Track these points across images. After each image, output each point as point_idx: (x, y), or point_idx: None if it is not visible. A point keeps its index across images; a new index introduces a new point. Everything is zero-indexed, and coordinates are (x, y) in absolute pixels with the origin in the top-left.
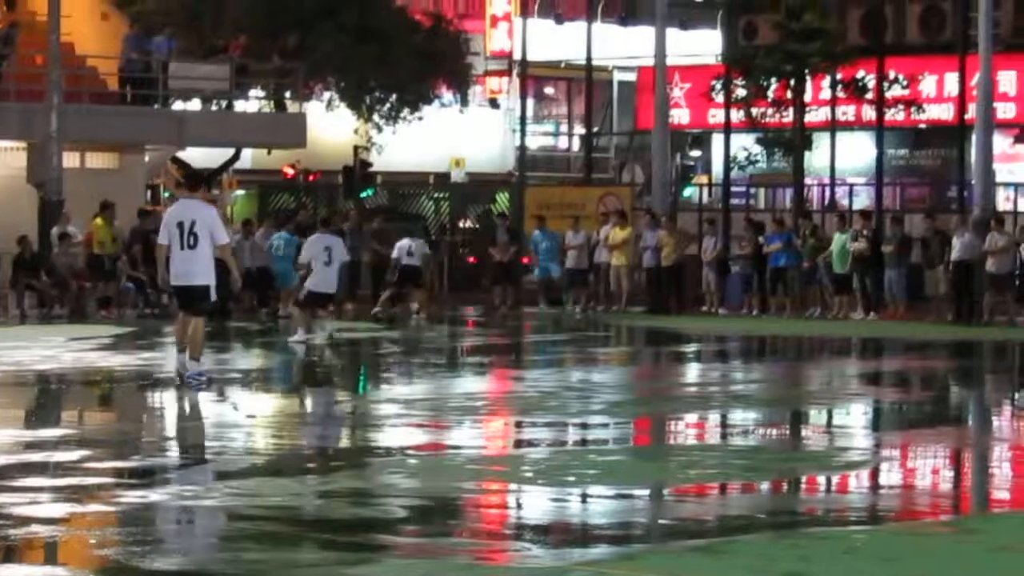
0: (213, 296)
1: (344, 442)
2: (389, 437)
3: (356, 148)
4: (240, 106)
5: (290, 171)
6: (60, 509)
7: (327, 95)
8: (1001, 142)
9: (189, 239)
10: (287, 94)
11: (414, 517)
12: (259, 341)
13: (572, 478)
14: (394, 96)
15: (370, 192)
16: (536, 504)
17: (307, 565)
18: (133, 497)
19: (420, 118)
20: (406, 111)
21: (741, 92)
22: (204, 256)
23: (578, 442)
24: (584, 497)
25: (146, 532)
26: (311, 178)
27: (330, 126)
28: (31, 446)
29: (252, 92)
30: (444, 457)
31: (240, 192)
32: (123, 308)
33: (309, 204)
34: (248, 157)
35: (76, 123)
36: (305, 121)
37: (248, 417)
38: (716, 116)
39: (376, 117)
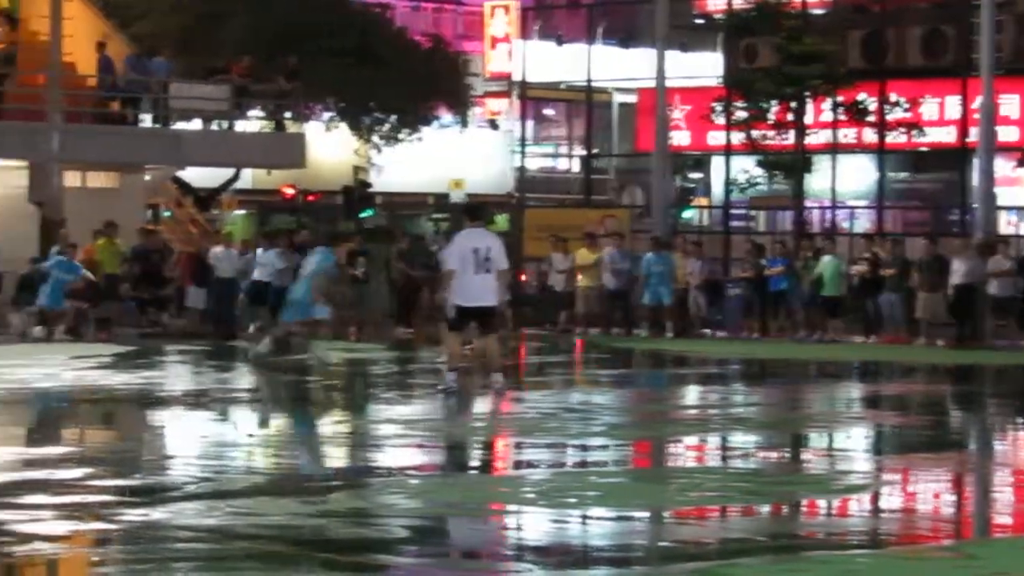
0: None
1: (344, 462)
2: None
3: (355, 168)
4: (240, 126)
5: (289, 191)
6: (62, 527)
7: (326, 116)
8: (1003, 166)
9: (484, 264)
10: (287, 115)
11: (414, 537)
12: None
13: (572, 499)
14: (393, 117)
15: (370, 213)
16: (536, 525)
17: None
18: (134, 515)
19: (419, 139)
20: (405, 132)
21: (741, 114)
22: (493, 281)
23: (578, 464)
24: (584, 519)
25: (147, 550)
26: (310, 198)
27: (329, 147)
28: (33, 464)
29: (252, 112)
30: (441, 477)
31: (240, 212)
32: (123, 328)
33: (308, 224)
34: (248, 177)
35: (76, 143)
36: (304, 141)
37: (248, 436)
38: (716, 138)
39: (375, 138)
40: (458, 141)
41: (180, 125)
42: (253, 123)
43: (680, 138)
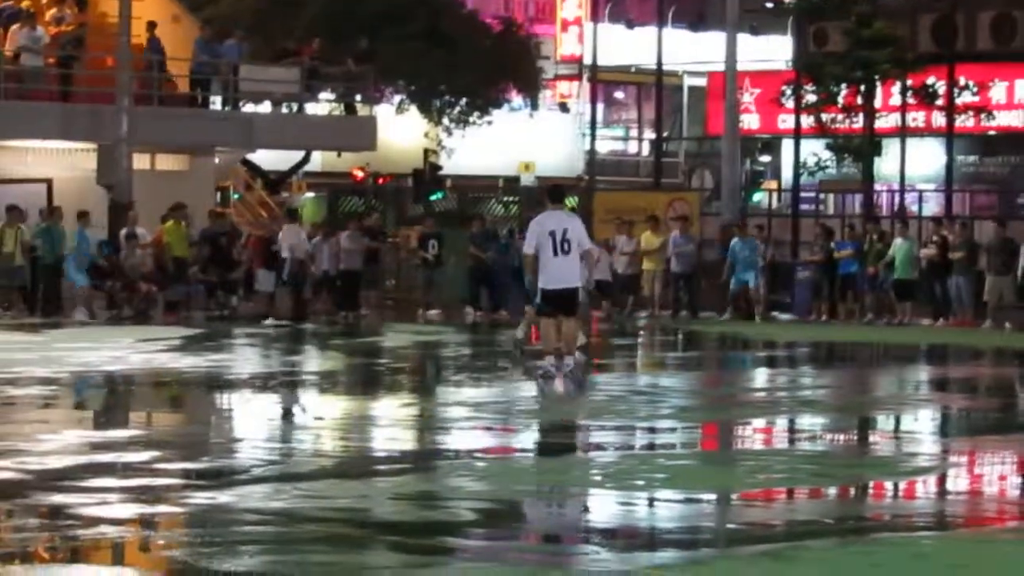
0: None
1: (412, 445)
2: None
3: (426, 151)
4: (310, 109)
5: (359, 174)
6: (128, 510)
7: (397, 98)
8: None
9: (563, 246)
10: (357, 97)
11: (482, 520)
12: (334, 343)
13: (640, 482)
14: (464, 100)
15: (440, 195)
16: (603, 508)
17: (375, 567)
18: (201, 498)
19: (489, 122)
20: (475, 115)
21: (811, 98)
22: (575, 263)
23: (646, 446)
24: (651, 501)
25: (214, 533)
26: (380, 181)
27: (400, 130)
28: (99, 447)
29: (322, 95)
30: (511, 460)
31: (310, 195)
32: (192, 311)
33: (378, 207)
34: (318, 160)
35: (146, 126)
36: (375, 124)
37: (316, 419)
38: (786, 122)
39: (446, 120)
40: (528, 124)
41: (250, 108)
42: (323, 106)
43: (750, 121)
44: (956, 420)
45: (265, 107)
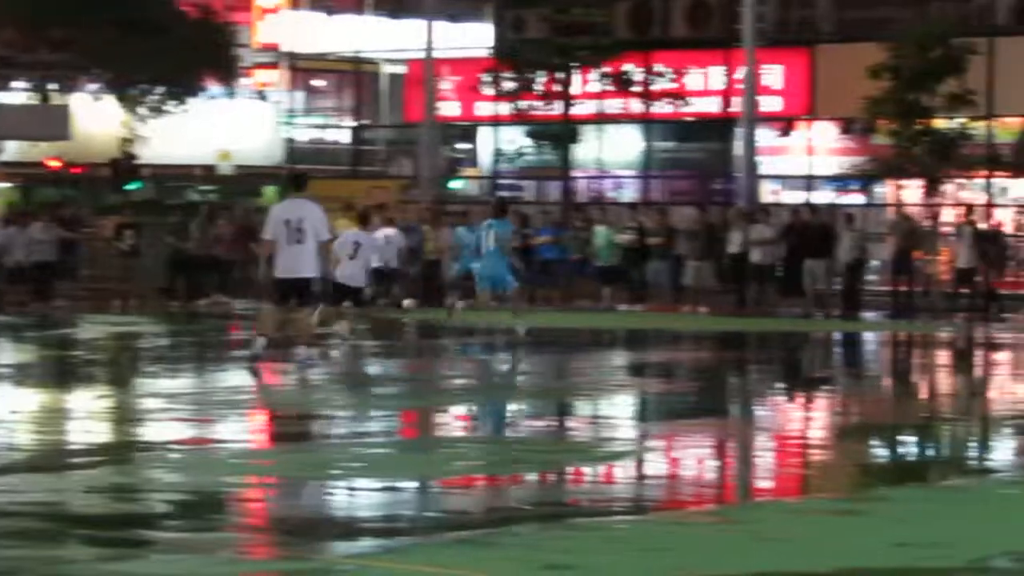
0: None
1: (106, 437)
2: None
3: (122, 140)
4: (3, 98)
5: (54, 164)
6: None
7: (94, 87)
8: (766, 135)
9: (297, 235)
10: (52, 86)
11: (178, 512)
12: (28, 335)
13: (338, 471)
14: (161, 88)
15: (138, 185)
16: (304, 498)
17: (69, 561)
18: None
19: (186, 110)
20: (173, 103)
21: (509, 85)
22: (309, 253)
23: (344, 435)
24: (350, 490)
25: None
26: (76, 171)
27: (97, 119)
28: None
29: (16, 84)
30: (208, 451)
31: (4, 185)
32: None
33: (75, 197)
34: (13, 149)
35: None
36: (68, 113)
37: (12, 413)
38: (484, 109)
39: (142, 109)
40: (227, 113)
41: None
42: (18, 95)
43: (449, 109)
44: (652, 404)
45: None
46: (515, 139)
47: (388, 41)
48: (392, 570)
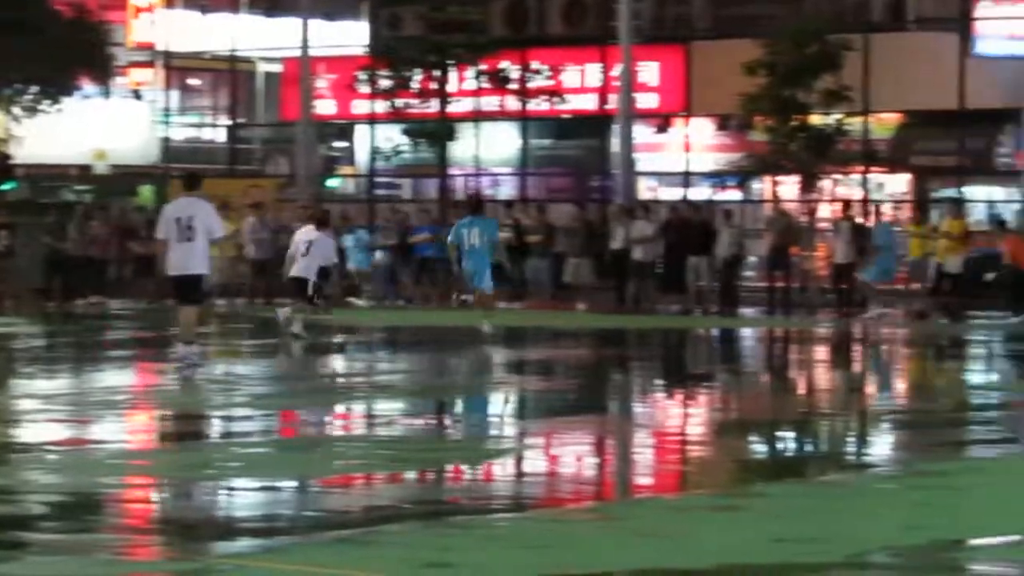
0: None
1: None
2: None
3: None
4: None
5: None
6: None
7: None
8: (643, 132)
9: (187, 233)
10: None
11: (54, 513)
12: None
13: (214, 471)
14: (35, 88)
15: (13, 185)
16: (181, 498)
17: None
18: None
19: (60, 110)
20: (47, 103)
21: (386, 83)
22: (199, 250)
23: (222, 435)
24: (228, 490)
25: None
26: None
27: None
28: None
29: None
30: (85, 452)
31: None
32: None
33: None
34: None
35: None
36: None
37: None
38: (361, 107)
39: (17, 109)
40: (102, 112)
41: None
42: None
43: (325, 107)
44: (532, 402)
45: None
46: (392, 137)
47: (264, 39)
48: (271, 570)
